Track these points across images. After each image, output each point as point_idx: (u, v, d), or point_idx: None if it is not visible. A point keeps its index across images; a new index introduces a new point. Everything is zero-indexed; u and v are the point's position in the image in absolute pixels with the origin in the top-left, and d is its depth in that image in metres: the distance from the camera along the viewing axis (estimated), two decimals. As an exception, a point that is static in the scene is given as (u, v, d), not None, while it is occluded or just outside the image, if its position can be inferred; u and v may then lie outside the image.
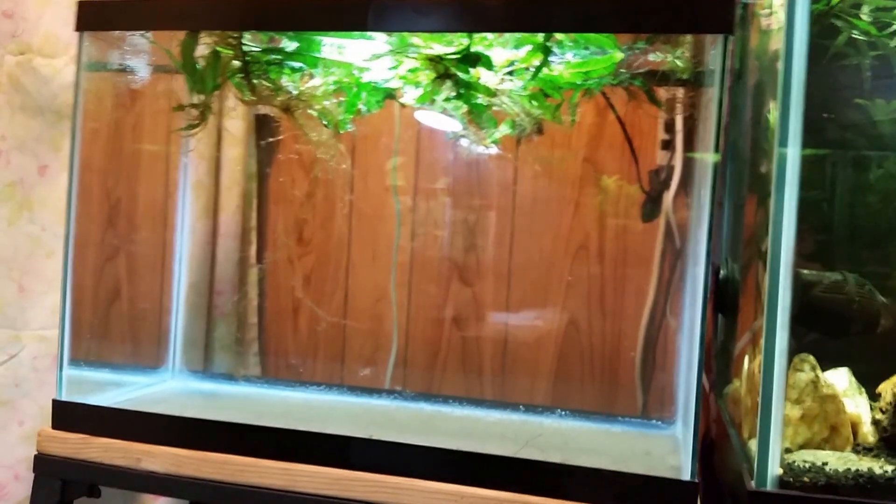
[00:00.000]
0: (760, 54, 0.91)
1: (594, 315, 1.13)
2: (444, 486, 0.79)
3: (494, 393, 1.18)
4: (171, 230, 1.15)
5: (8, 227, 1.15)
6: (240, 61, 0.92)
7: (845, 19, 0.84)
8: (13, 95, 1.15)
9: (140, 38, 0.96)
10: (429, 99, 0.89)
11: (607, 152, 1.12)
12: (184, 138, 1.08)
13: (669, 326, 1.09)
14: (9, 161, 1.15)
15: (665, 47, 0.85)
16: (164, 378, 1.12)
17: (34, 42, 1.15)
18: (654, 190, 1.07)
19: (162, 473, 0.87)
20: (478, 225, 1.17)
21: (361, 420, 0.97)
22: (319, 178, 1.21)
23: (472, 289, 1.18)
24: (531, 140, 0.98)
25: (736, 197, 1.00)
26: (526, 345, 1.16)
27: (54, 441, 0.91)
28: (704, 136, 0.87)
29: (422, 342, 1.20)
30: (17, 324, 1.15)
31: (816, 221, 0.89)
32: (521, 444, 0.87)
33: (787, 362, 0.69)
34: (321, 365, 1.24)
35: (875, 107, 0.88)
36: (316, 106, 0.96)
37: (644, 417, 1.04)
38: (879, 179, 0.90)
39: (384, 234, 1.20)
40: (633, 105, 0.94)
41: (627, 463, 0.81)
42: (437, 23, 0.82)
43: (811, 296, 0.82)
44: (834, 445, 0.76)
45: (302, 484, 0.83)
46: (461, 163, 1.15)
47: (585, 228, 1.14)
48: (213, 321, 1.22)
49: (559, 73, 0.89)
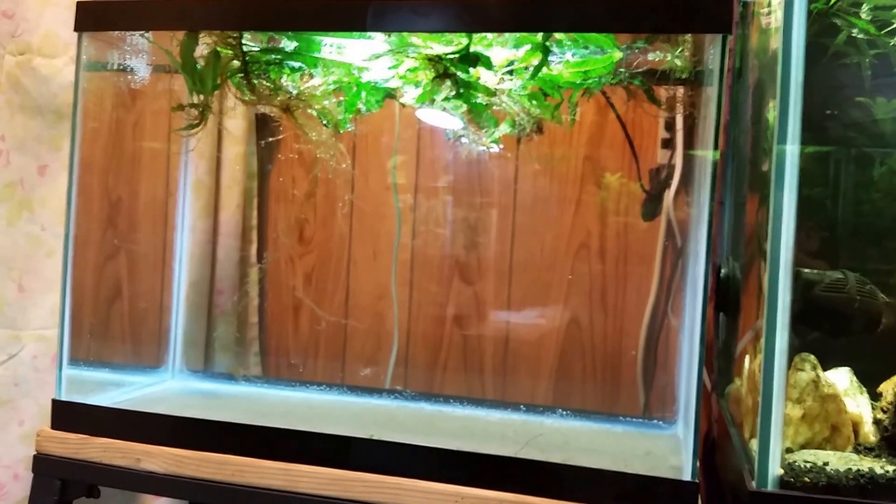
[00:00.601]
0: (760, 53, 0.91)
1: (595, 314, 1.13)
2: (445, 486, 0.79)
3: (495, 392, 1.18)
4: (172, 229, 1.15)
5: (8, 226, 1.15)
6: (239, 61, 0.92)
7: (844, 18, 0.83)
8: (13, 95, 1.15)
9: (139, 38, 0.96)
10: (428, 98, 0.89)
11: (608, 151, 1.12)
12: (184, 138, 1.08)
13: (671, 325, 1.09)
14: (9, 161, 1.15)
15: (664, 46, 0.84)
16: (165, 378, 1.12)
17: (34, 42, 1.15)
18: (654, 189, 1.07)
19: (161, 473, 0.87)
20: (479, 223, 1.17)
21: (362, 420, 0.97)
22: (320, 178, 1.21)
23: (474, 287, 1.18)
24: (531, 139, 0.98)
25: (737, 195, 1.00)
26: (527, 343, 1.16)
27: (54, 441, 0.91)
28: (704, 134, 0.87)
29: (423, 341, 1.20)
30: (17, 323, 1.16)
31: (819, 219, 0.89)
32: (522, 444, 0.87)
33: (788, 362, 0.69)
34: (322, 364, 1.24)
35: (876, 105, 0.88)
36: (316, 105, 0.96)
37: (645, 417, 1.04)
38: (882, 177, 0.90)
39: (385, 232, 1.20)
40: (633, 104, 0.94)
41: (628, 463, 0.81)
42: (437, 23, 0.82)
43: (812, 295, 0.81)
44: (835, 445, 0.75)
45: (302, 484, 0.83)
46: (461, 162, 1.15)
47: (587, 227, 1.14)
48: (213, 320, 1.22)
49: (558, 73, 0.88)
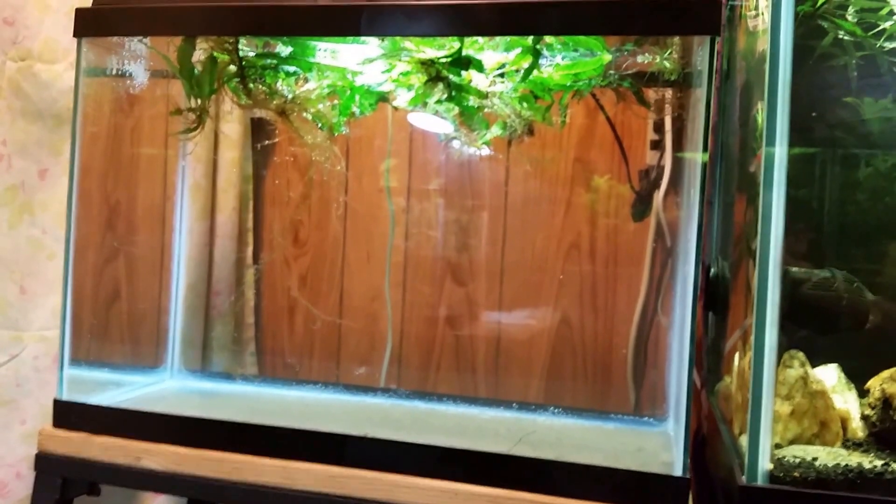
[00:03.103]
0: (748, 55, 0.92)
1: (586, 313, 1.14)
2: (439, 482, 0.80)
3: (488, 391, 1.18)
4: (170, 232, 1.16)
5: (9, 230, 1.16)
6: (236, 66, 0.93)
7: (831, 20, 0.84)
8: (14, 101, 1.16)
9: (138, 44, 0.97)
10: (421, 101, 0.90)
11: (598, 152, 1.13)
12: (181, 142, 1.10)
13: (661, 324, 1.10)
14: (10, 165, 1.16)
15: (653, 49, 0.85)
16: (163, 377, 1.13)
17: (34, 48, 1.16)
18: (644, 190, 1.08)
19: (161, 471, 0.88)
20: (470, 225, 1.18)
21: (357, 418, 0.98)
22: (314, 180, 1.22)
23: (466, 288, 1.19)
24: (522, 141, 0.99)
25: (725, 195, 1.00)
26: (519, 343, 1.17)
27: (55, 440, 0.92)
28: (693, 135, 0.87)
29: (416, 341, 1.21)
30: (19, 324, 1.16)
31: (807, 219, 0.90)
32: (515, 442, 0.88)
33: (777, 359, 0.69)
34: (317, 364, 1.25)
35: (864, 105, 0.89)
36: (311, 109, 0.97)
37: (636, 414, 1.05)
38: (868, 177, 0.91)
39: (378, 234, 1.21)
40: (622, 105, 0.95)
41: (620, 459, 0.82)
42: (429, 27, 0.83)
43: (800, 293, 0.82)
44: (824, 441, 0.76)
45: (299, 481, 0.84)
46: (453, 164, 1.16)
47: (577, 227, 1.14)
48: (210, 321, 1.23)
49: (549, 76, 0.90)
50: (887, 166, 0.90)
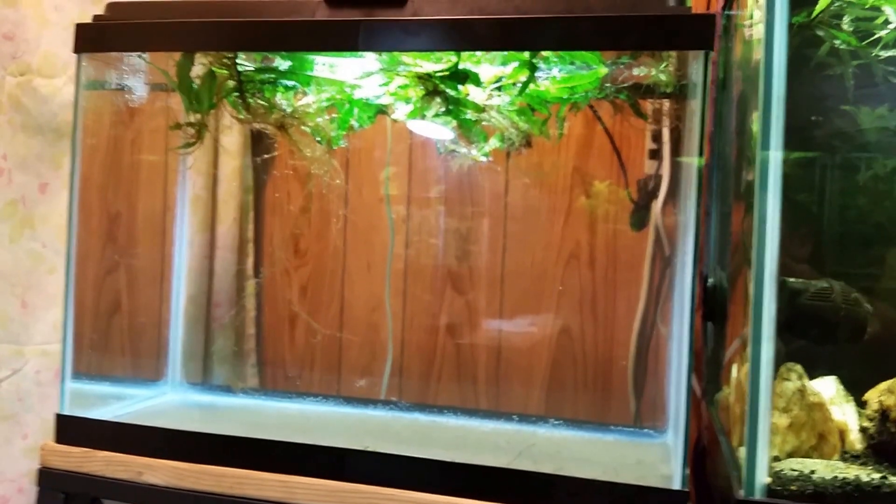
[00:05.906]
0: (744, 64, 0.92)
1: (586, 323, 1.14)
2: (440, 497, 0.80)
3: (489, 402, 1.18)
4: (170, 244, 1.16)
5: (10, 244, 1.16)
6: (234, 80, 0.94)
7: (826, 30, 0.84)
8: (14, 115, 1.16)
9: (137, 59, 0.98)
10: (419, 115, 0.91)
11: (597, 162, 1.13)
12: (181, 156, 1.10)
13: (660, 334, 1.10)
14: (10, 180, 1.16)
15: (649, 61, 0.86)
16: (164, 390, 1.13)
17: (34, 63, 1.16)
18: (642, 199, 1.08)
19: (163, 486, 0.88)
20: (470, 235, 1.18)
21: (358, 431, 0.98)
22: (314, 192, 1.23)
23: (466, 297, 1.19)
24: (520, 153, 1.00)
25: (722, 205, 1.01)
26: (519, 353, 1.17)
27: (57, 455, 0.93)
28: (690, 145, 0.88)
29: (417, 352, 1.21)
30: (21, 339, 1.16)
31: (806, 225, 0.90)
32: (515, 455, 0.88)
33: (774, 371, 0.69)
34: (318, 376, 1.25)
35: (861, 114, 0.89)
36: (309, 122, 0.97)
37: (636, 425, 1.05)
38: (866, 185, 0.91)
39: (378, 244, 1.21)
40: (619, 117, 0.95)
41: (619, 472, 0.82)
42: (426, 42, 0.83)
43: (798, 303, 0.82)
44: (822, 453, 0.76)
45: (299, 496, 0.84)
46: (453, 175, 1.16)
47: (576, 237, 1.14)
48: (211, 333, 1.23)
49: (546, 89, 0.90)
50: (887, 171, 0.90)
